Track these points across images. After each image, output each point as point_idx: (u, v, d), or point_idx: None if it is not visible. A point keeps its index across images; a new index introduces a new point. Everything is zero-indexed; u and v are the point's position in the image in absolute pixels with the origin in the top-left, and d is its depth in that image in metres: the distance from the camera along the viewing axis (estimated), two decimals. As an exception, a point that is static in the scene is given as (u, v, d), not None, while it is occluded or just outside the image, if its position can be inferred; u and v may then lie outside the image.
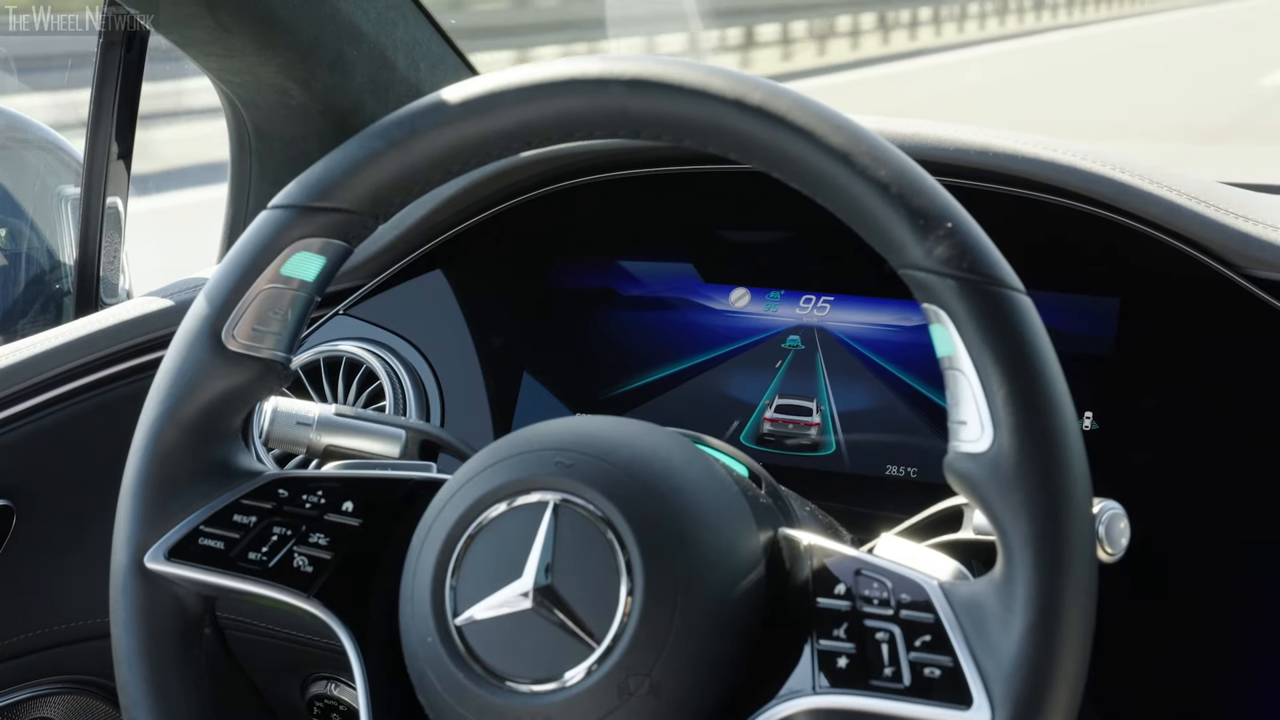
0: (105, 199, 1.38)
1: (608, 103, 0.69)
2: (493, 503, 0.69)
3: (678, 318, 1.12)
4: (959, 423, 0.63)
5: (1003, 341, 0.61)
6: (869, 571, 0.68)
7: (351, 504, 0.77)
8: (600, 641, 0.65)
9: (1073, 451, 0.61)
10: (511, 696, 0.66)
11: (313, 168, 0.74)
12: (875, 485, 1.03)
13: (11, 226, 1.49)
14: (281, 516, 0.76)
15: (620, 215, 1.19)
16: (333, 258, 0.74)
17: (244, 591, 0.75)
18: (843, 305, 1.07)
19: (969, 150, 1.03)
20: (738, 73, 0.68)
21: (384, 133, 0.72)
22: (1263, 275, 0.97)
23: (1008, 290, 0.63)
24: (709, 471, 0.72)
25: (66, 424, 1.19)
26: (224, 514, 0.76)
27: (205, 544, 0.75)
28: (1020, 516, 0.60)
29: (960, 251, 0.62)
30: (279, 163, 1.38)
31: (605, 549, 0.66)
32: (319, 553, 0.75)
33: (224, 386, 0.74)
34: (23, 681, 1.21)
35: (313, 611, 0.74)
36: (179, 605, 0.76)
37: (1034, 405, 0.61)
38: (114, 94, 1.33)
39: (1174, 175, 1.01)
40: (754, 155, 0.67)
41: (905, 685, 0.64)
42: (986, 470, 0.61)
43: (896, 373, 1.04)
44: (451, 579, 0.69)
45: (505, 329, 1.18)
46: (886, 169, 0.64)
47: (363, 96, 1.31)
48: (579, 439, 0.70)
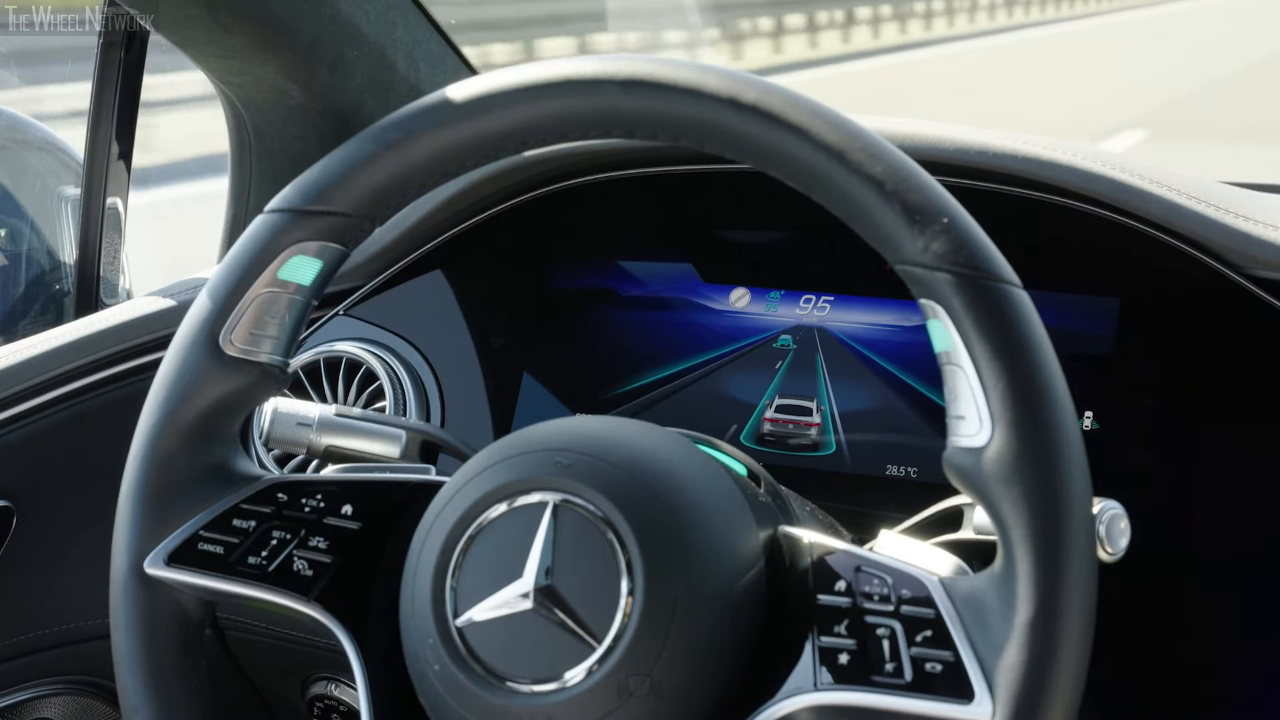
0: (105, 199, 1.38)
1: (602, 103, 0.69)
2: (492, 503, 0.69)
3: (678, 318, 1.12)
4: (957, 418, 0.63)
5: (1000, 336, 0.61)
6: (869, 568, 0.68)
7: (351, 507, 0.77)
8: (601, 641, 0.65)
9: (1071, 444, 0.61)
10: (512, 697, 0.66)
11: (308, 171, 0.74)
12: (875, 485, 1.03)
13: (12, 227, 1.49)
14: (281, 520, 0.76)
15: (620, 215, 1.19)
16: (329, 261, 0.74)
17: (244, 596, 0.75)
18: (843, 305, 1.07)
19: (968, 150, 1.03)
20: (732, 71, 0.68)
21: (379, 135, 0.72)
22: (1263, 275, 0.97)
23: (1004, 285, 0.63)
24: (708, 471, 0.72)
25: (67, 424, 1.19)
26: (223, 518, 0.76)
27: (205, 549, 0.75)
28: (1019, 509, 0.60)
29: (956, 246, 0.62)
30: (279, 163, 1.38)
31: (605, 549, 0.66)
32: (319, 556, 0.75)
33: (222, 391, 0.74)
34: (23, 682, 1.21)
35: (313, 615, 0.74)
36: (179, 610, 0.76)
37: (1032, 399, 0.61)
38: (114, 94, 1.33)
39: (1174, 175, 1.01)
40: (749, 153, 0.67)
41: (907, 681, 0.64)
42: (985, 464, 0.61)
43: (896, 373, 1.04)
44: (452, 580, 0.69)
45: (505, 329, 1.18)
46: (882, 165, 0.64)
47: (363, 97, 1.31)
48: (578, 439, 0.70)
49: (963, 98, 8.24)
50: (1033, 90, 8.57)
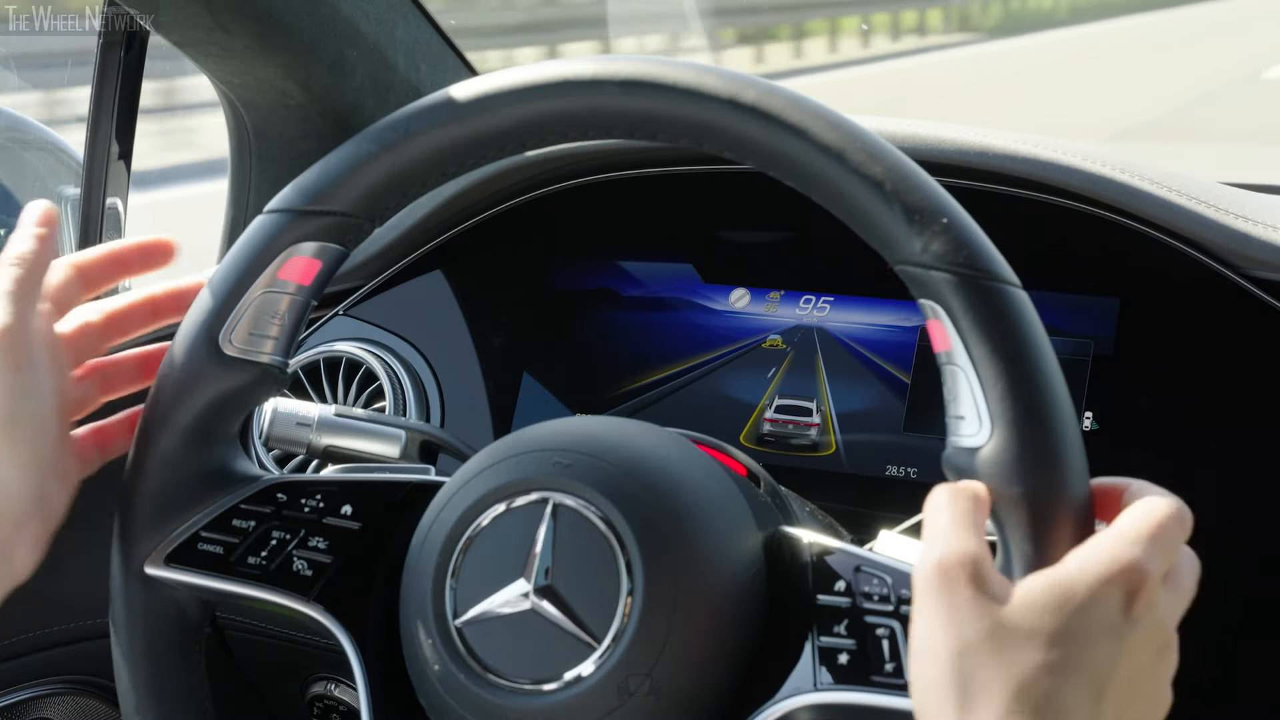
0: (105, 199, 1.38)
1: (601, 103, 0.69)
2: (492, 503, 0.69)
3: (678, 318, 1.12)
4: (957, 417, 0.63)
5: (999, 335, 0.61)
6: (869, 568, 0.68)
7: (350, 507, 0.77)
8: (600, 641, 0.65)
9: (1070, 443, 0.61)
10: (512, 697, 0.66)
11: (307, 172, 0.74)
12: (875, 485, 1.03)
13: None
14: (280, 521, 0.76)
15: (620, 216, 1.19)
16: (329, 261, 0.74)
17: (244, 596, 0.75)
18: (843, 305, 1.07)
19: (969, 151, 1.03)
20: (732, 71, 0.68)
21: (378, 136, 0.72)
22: (1263, 275, 0.97)
23: (1003, 285, 0.63)
24: (708, 471, 0.72)
25: (67, 424, 1.19)
26: (223, 519, 0.76)
27: (204, 549, 0.75)
28: (1019, 508, 0.60)
29: (955, 246, 0.62)
30: (279, 164, 1.38)
31: (605, 549, 0.67)
32: (318, 556, 0.75)
33: (221, 391, 0.74)
34: (23, 682, 1.20)
35: (313, 615, 0.74)
36: (179, 611, 0.76)
37: (1031, 398, 0.61)
38: (114, 94, 1.33)
39: (1174, 175, 1.01)
40: (748, 154, 0.67)
41: (906, 680, 0.64)
42: (984, 464, 0.61)
43: (896, 373, 1.04)
44: (451, 580, 0.69)
45: (505, 329, 1.18)
46: (881, 165, 0.64)
47: (363, 97, 1.31)
48: (578, 439, 0.70)
49: (965, 99, 8.25)
50: (1037, 92, 8.58)
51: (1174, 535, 0.60)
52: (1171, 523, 0.60)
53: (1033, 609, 0.57)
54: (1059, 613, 0.56)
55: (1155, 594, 0.58)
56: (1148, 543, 0.58)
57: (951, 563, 0.58)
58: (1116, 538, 0.59)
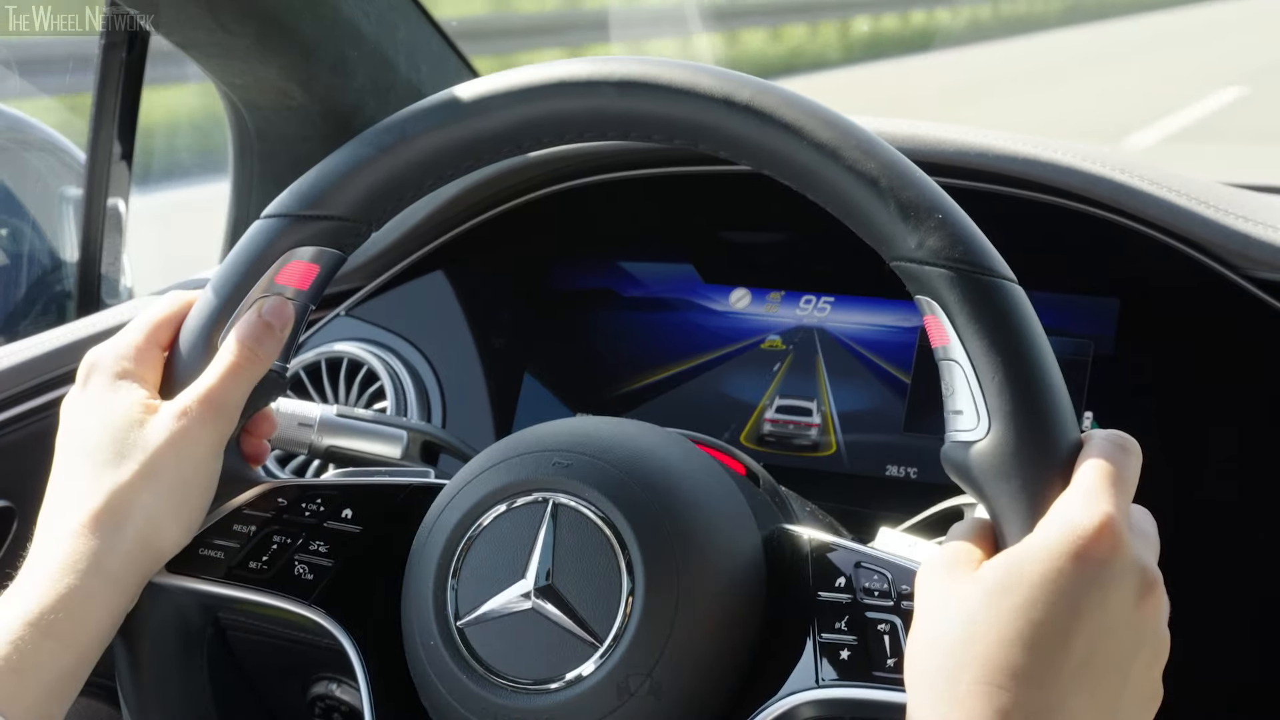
0: (107, 200, 1.38)
1: (597, 104, 0.69)
2: (492, 504, 0.69)
3: (678, 319, 1.12)
4: (955, 412, 0.63)
5: (995, 330, 0.62)
6: (869, 564, 0.68)
7: (351, 511, 0.77)
8: (601, 641, 0.66)
9: (1067, 438, 0.61)
10: (513, 696, 0.66)
11: (304, 176, 0.74)
12: (875, 485, 1.03)
13: (13, 227, 1.49)
14: (281, 525, 0.76)
15: (621, 216, 1.19)
16: (326, 266, 0.74)
17: (245, 601, 0.75)
18: (843, 306, 1.07)
19: (968, 151, 1.03)
20: (726, 71, 0.68)
21: (374, 139, 0.72)
22: (1263, 275, 0.97)
23: (999, 279, 0.63)
24: (708, 470, 0.72)
25: (68, 425, 1.19)
26: (223, 524, 0.76)
27: (205, 554, 0.75)
28: (1017, 502, 0.60)
29: (951, 242, 0.63)
30: (281, 165, 1.38)
31: (605, 549, 0.67)
32: (319, 560, 0.75)
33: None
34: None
35: (314, 618, 0.75)
36: (180, 616, 0.76)
37: (1028, 392, 0.61)
38: (115, 95, 1.33)
39: (1174, 175, 1.01)
40: (744, 153, 0.67)
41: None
42: (982, 458, 0.61)
43: (897, 373, 1.04)
44: (452, 581, 0.69)
45: (506, 330, 1.18)
46: (875, 162, 0.64)
47: (364, 98, 1.32)
48: (578, 439, 0.70)
49: (970, 101, 8.24)
50: (1037, 92, 8.58)
51: (1127, 473, 0.60)
52: (1118, 461, 0.60)
53: (1004, 584, 0.57)
54: (1037, 587, 0.56)
55: (1121, 533, 0.57)
56: (1106, 492, 0.58)
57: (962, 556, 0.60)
58: (1081, 495, 0.59)
